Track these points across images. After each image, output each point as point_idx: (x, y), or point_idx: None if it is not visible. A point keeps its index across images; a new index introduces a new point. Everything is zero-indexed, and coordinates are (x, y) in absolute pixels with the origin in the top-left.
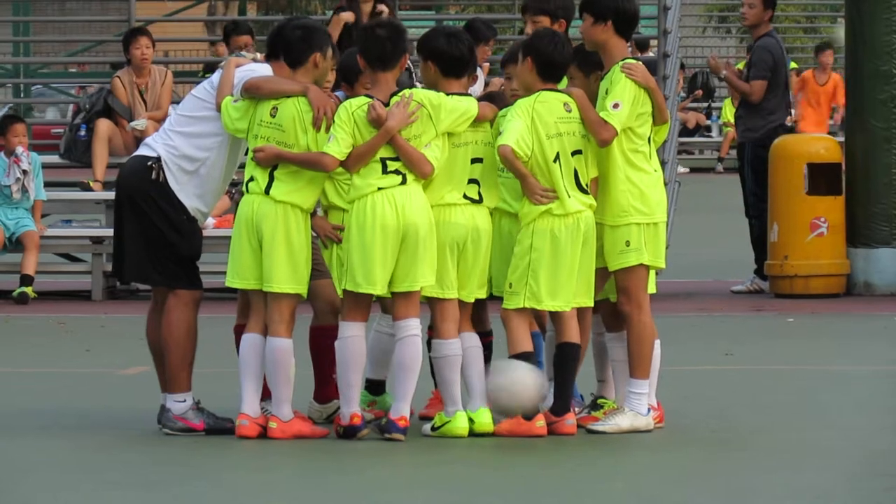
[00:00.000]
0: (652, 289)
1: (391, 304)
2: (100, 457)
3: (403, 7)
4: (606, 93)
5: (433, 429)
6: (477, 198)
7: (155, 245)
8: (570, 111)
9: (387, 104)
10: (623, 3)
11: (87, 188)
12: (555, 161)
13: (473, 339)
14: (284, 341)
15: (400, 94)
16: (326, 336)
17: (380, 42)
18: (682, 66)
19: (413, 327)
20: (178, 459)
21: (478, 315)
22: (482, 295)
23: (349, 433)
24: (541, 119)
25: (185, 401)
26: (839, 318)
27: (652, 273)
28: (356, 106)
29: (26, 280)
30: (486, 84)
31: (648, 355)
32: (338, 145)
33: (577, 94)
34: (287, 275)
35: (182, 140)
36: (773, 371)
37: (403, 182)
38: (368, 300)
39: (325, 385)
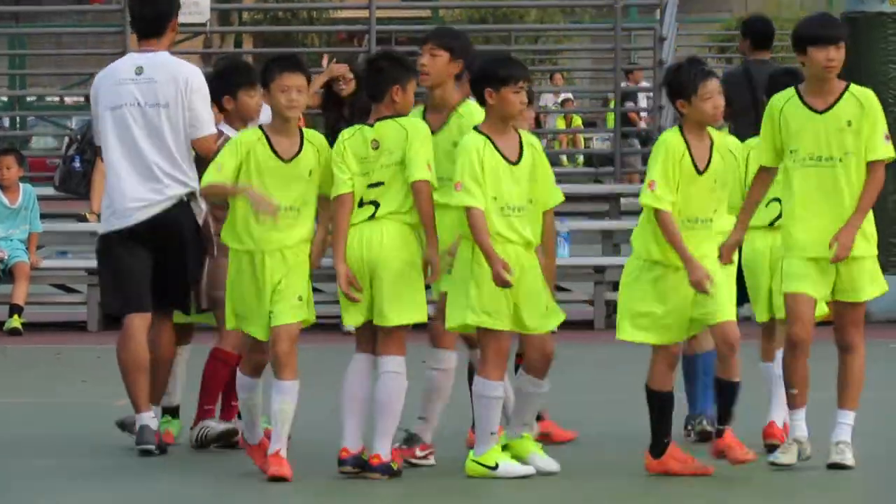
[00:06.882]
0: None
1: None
2: (97, 482)
3: (401, 41)
4: None
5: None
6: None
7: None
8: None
9: (373, 124)
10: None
11: (83, 220)
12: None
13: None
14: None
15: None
16: (221, 361)
17: (370, 71)
18: None
19: (390, 364)
20: (171, 485)
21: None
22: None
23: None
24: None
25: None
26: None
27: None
28: (348, 136)
29: (15, 310)
30: None
31: None
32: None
33: None
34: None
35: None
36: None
37: (372, 217)
38: (367, 332)
39: (200, 408)
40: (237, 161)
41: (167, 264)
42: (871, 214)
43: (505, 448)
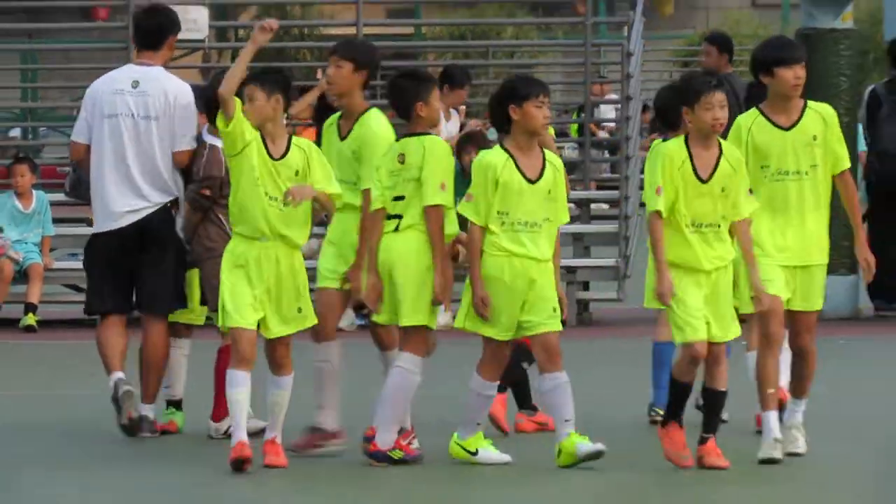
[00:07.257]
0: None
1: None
2: (94, 471)
3: (386, 55)
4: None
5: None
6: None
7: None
8: None
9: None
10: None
11: (92, 224)
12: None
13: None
14: None
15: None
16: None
17: (393, 91)
18: (646, 108)
19: (400, 360)
20: (170, 473)
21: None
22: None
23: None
24: None
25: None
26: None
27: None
28: (382, 153)
29: (30, 308)
30: (463, 126)
31: None
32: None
33: None
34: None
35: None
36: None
37: (396, 229)
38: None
39: (220, 404)
40: (250, 136)
41: (153, 266)
42: (827, 225)
43: (559, 453)
